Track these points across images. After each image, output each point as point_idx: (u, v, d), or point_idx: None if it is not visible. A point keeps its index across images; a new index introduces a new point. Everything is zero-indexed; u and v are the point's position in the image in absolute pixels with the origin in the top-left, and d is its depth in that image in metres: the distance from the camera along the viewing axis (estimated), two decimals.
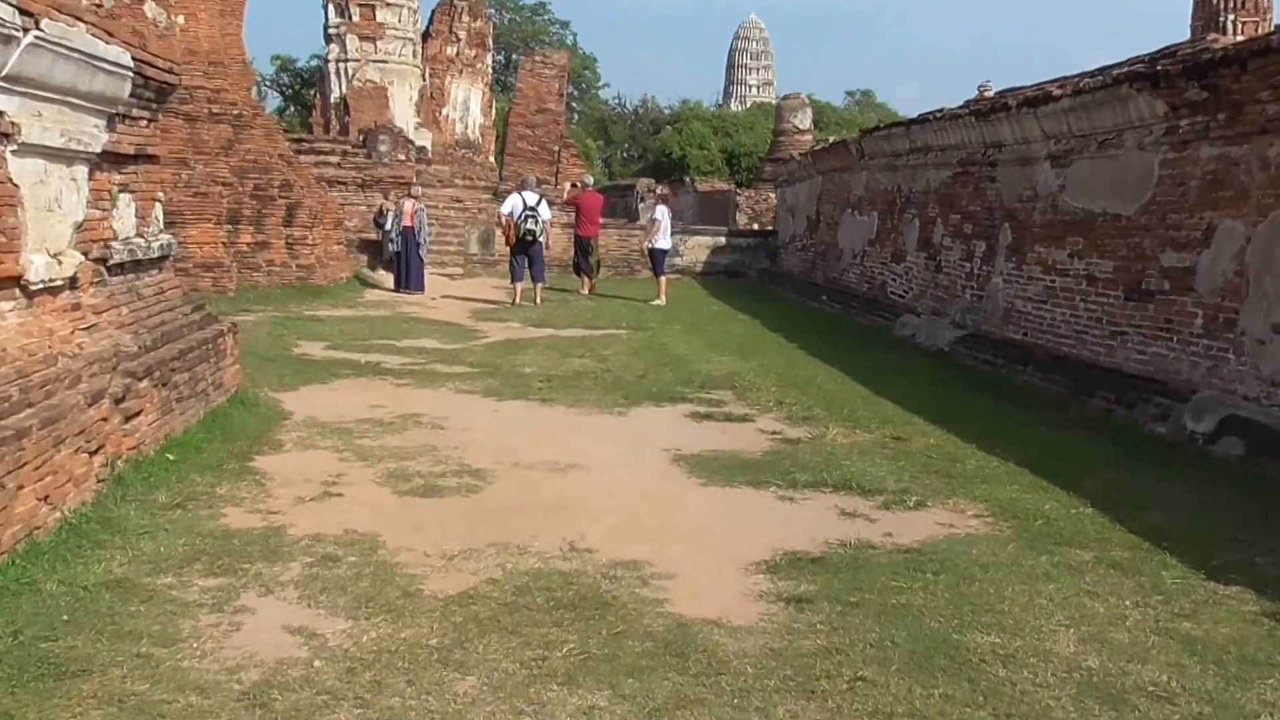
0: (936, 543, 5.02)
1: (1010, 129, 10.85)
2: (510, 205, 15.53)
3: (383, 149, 20.04)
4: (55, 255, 5.32)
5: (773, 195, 24.26)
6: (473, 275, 19.89)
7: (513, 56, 43.89)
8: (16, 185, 4.88)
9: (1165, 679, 3.60)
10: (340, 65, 25.18)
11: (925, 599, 4.26)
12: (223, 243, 14.67)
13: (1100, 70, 9.59)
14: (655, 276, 16.99)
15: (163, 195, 7.41)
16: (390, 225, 17.27)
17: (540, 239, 15.48)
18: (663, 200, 18.18)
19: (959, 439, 7.19)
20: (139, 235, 6.68)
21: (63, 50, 5.07)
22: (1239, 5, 19.11)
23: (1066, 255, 9.62)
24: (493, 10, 40.36)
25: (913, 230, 13.68)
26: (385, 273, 17.72)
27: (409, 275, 16.94)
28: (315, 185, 16.94)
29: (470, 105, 28.72)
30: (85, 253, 5.70)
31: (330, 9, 25.13)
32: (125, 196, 6.47)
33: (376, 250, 18.16)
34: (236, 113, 15.36)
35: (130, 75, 6.01)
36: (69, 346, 5.22)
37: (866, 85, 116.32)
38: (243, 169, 15.17)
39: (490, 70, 31.06)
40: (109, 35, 5.69)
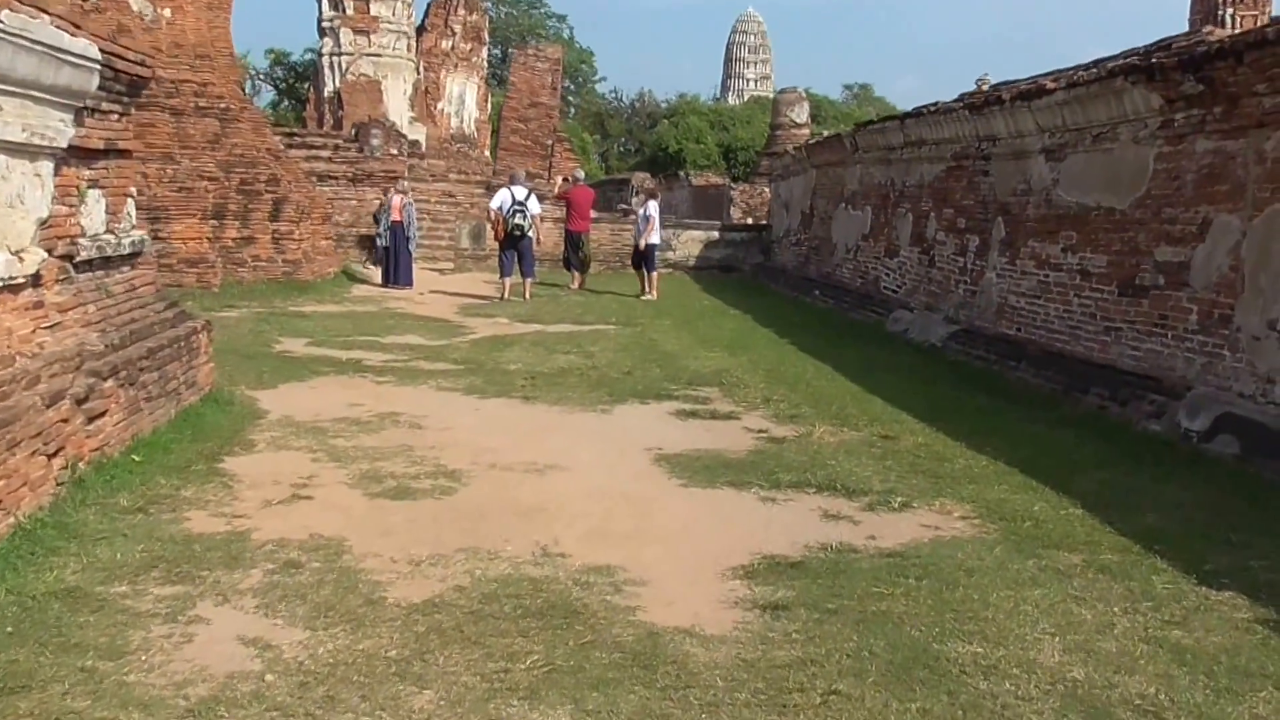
0: (920, 546, 4.88)
1: (1004, 122, 10.69)
2: (499, 200, 15.38)
3: (375, 143, 19.83)
4: (17, 252, 5.16)
5: (767, 190, 24.07)
6: (463, 270, 19.72)
7: (509, 50, 43.59)
8: None
9: (1153, 691, 3.46)
10: (334, 59, 25.03)
11: (906, 606, 4.11)
12: (208, 238, 14.48)
13: (1095, 63, 9.40)
14: (646, 273, 16.68)
15: (135, 191, 7.24)
16: (379, 220, 17.12)
17: (529, 234, 15.34)
18: (652, 195, 17.97)
19: (948, 437, 7.05)
20: (109, 232, 6.52)
21: (24, 43, 4.91)
22: None
23: (1060, 250, 9.47)
24: (489, 4, 40.09)
25: (906, 225, 13.52)
26: (374, 268, 17.58)
27: (397, 270, 16.76)
28: (303, 180, 16.76)
29: (465, 99, 28.59)
30: (50, 250, 5.53)
31: (324, 2, 24.96)
32: (95, 192, 6.31)
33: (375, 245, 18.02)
34: (223, 106, 15.20)
35: (98, 68, 5.85)
36: (29, 346, 5.06)
37: (865, 79, 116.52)
38: (229, 163, 14.98)
39: (486, 64, 30.91)
40: (75, 27, 5.53)
